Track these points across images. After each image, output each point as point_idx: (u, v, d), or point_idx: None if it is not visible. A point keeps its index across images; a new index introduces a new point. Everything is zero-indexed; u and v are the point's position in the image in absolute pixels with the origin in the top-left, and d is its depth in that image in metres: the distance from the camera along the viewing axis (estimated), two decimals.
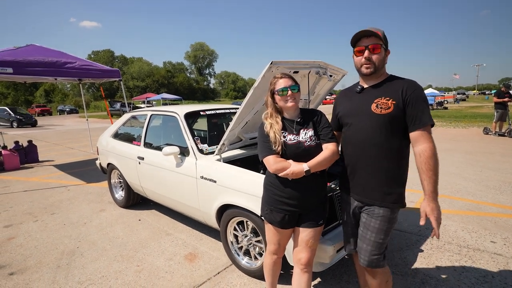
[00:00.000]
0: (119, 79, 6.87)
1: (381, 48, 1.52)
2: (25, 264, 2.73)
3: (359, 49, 1.54)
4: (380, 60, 1.53)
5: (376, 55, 1.52)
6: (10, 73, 5.04)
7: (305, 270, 1.76)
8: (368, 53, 1.52)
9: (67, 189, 5.03)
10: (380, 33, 1.51)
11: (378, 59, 1.52)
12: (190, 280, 2.43)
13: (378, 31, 1.52)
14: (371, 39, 1.51)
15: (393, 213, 1.57)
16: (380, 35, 1.51)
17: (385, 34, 1.57)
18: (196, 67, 77.04)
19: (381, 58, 1.53)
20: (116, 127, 4.17)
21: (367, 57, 1.52)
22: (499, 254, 2.66)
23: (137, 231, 3.34)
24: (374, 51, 1.51)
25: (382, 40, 1.52)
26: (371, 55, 1.52)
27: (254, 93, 2.15)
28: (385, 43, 1.55)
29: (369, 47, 1.51)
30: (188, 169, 2.76)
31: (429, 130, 1.48)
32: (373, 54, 1.52)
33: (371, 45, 1.51)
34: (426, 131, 1.47)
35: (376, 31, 1.51)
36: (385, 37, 1.55)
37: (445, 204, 3.86)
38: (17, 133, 14.44)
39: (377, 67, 1.54)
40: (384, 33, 1.55)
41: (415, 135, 1.48)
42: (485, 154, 6.84)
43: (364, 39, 1.53)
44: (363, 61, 1.54)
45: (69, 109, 36.77)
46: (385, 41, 1.55)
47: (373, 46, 1.51)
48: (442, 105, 24.30)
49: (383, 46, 1.54)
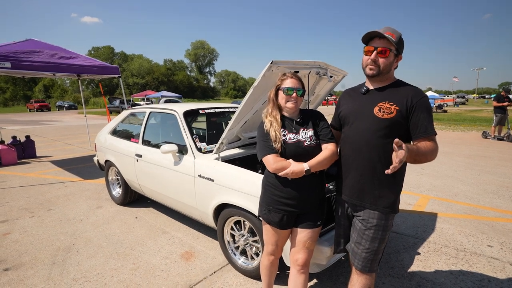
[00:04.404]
0: (118, 76, 6.84)
1: (390, 53, 1.49)
2: (20, 260, 2.71)
3: (368, 48, 1.51)
4: (386, 64, 1.50)
5: (383, 58, 1.49)
6: (8, 67, 5.01)
7: (301, 271, 1.75)
8: (375, 55, 1.49)
9: (64, 185, 5.01)
10: (395, 37, 1.47)
11: (385, 63, 1.49)
12: (186, 279, 2.41)
13: (394, 34, 1.48)
14: (382, 41, 1.48)
15: (387, 219, 1.55)
16: (394, 38, 1.47)
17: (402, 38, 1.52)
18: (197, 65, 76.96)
19: (388, 63, 1.50)
20: (115, 124, 4.15)
21: (373, 59, 1.50)
22: (496, 258, 2.66)
23: (133, 229, 3.33)
24: (382, 54, 1.48)
25: (394, 44, 1.48)
26: (378, 57, 1.49)
27: (254, 93, 2.13)
28: (398, 48, 1.51)
29: (378, 49, 1.48)
30: (186, 168, 2.75)
31: (434, 139, 1.48)
32: (381, 57, 1.49)
33: (380, 48, 1.47)
34: (431, 141, 1.46)
35: (391, 34, 1.47)
36: (400, 42, 1.50)
37: (443, 207, 3.87)
38: (15, 128, 14.37)
39: (381, 71, 1.51)
40: (400, 37, 1.50)
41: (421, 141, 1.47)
42: (483, 158, 6.86)
43: (376, 39, 1.49)
44: (368, 62, 1.52)
45: (68, 105, 36.60)
46: (399, 45, 1.50)
47: (382, 49, 1.47)
48: (441, 108, 24.37)
49: (393, 51, 1.49)
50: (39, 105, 33.89)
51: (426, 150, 1.42)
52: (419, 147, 1.41)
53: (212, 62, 78.97)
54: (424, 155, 1.41)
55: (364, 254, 1.57)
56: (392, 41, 1.46)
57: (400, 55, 1.55)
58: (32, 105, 34.09)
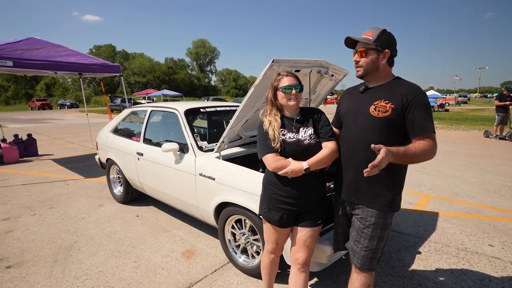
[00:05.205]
0: (119, 74, 6.85)
1: (369, 51, 1.52)
2: (22, 258, 2.73)
3: (353, 52, 1.60)
4: (368, 63, 1.53)
5: (363, 58, 1.54)
6: (10, 66, 5.01)
7: (302, 269, 1.75)
8: (357, 57, 1.57)
9: (66, 183, 5.03)
10: (373, 35, 1.50)
11: (366, 62, 1.54)
12: (187, 277, 2.42)
13: (373, 32, 1.51)
14: (360, 43, 1.55)
15: (385, 218, 1.55)
16: (372, 37, 1.50)
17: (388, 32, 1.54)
18: (198, 64, 76.86)
19: (370, 61, 1.53)
20: (116, 122, 4.16)
21: (355, 60, 1.58)
22: (497, 258, 2.66)
23: (135, 227, 3.34)
24: (361, 55, 1.55)
25: (372, 43, 1.50)
26: (359, 58, 1.56)
27: (255, 91, 2.13)
28: (379, 44, 1.50)
29: (357, 50, 1.56)
30: (187, 166, 2.75)
31: (432, 137, 1.44)
32: (362, 57, 1.55)
33: (359, 49, 1.55)
34: (429, 138, 1.43)
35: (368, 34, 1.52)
36: (380, 38, 1.50)
37: (444, 207, 3.86)
38: (17, 127, 14.42)
39: (367, 70, 1.55)
40: (382, 33, 1.51)
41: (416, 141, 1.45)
42: (485, 157, 6.83)
43: (359, 42, 1.57)
44: (354, 64, 1.60)
45: (69, 104, 36.66)
46: (380, 41, 1.50)
47: (360, 50, 1.54)
48: (443, 107, 24.29)
49: (374, 49, 1.51)
50: (40, 103, 33.94)
51: (417, 151, 1.39)
52: (408, 149, 1.39)
53: (213, 61, 78.91)
54: (415, 156, 1.39)
55: (363, 252, 1.57)
56: (368, 40, 1.51)
57: (385, 50, 1.52)
58: (34, 104, 34.15)
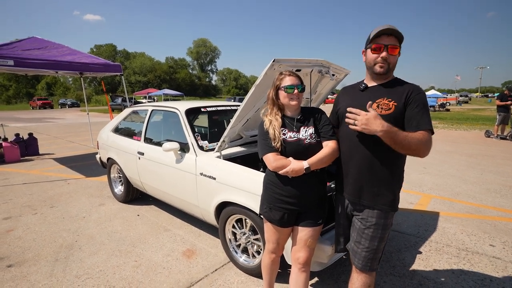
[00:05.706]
0: (120, 73, 6.85)
1: (398, 50, 1.48)
2: (23, 257, 2.74)
3: (377, 46, 1.46)
4: (395, 61, 1.50)
5: (393, 56, 1.47)
6: (11, 65, 5.02)
7: (303, 269, 1.75)
8: (386, 53, 1.46)
9: (67, 182, 5.04)
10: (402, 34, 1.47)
11: (395, 59, 1.49)
12: (188, 277, 2.43)
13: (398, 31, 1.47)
14: (391, 39, 1.45)
15: (386, 218, 1.54)
16: (401, 36, 1.47)
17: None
18: (198, 63, 76.82)
19: (396, 60, 1.51)
20: (117, 121, 4.16)
21: (384, 57, 1.46)
22: (497, 258, 2.66)
23: (135, 226, 3.34)
24: (393, 51, 1.46)
25: (400, 41, 1.48)
26: (389, 55, 1.46)
27: (256, 91, 2.13)
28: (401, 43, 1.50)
29: (389, 47, 1.45)
30: (187, 166, 2.75)
31: (428, 133, 1.42)
32: (391, 54, 1.46)
33: (391, 46, 1.44)
34: (425, 133, 1.41)
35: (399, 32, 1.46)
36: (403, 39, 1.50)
37: (445, 206, 3.85)
38: (18, 126, 14.44)
39: (390, 68, 1.51)
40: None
41: None
42: (486, 157, 6.82)
43: (384, 36, 1.45)
44: (378, 60, 1.48)
45: (70, 103, 36.71)
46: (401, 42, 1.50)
47: (393, 46, 1.45)
48: (444, 107, 24.24)
49: (399, 46, 1.49)
50: (41, 102, 33.99)
51: (409, 137, 1.36)
52: (400, 130, 1.37)
53: (214, 60, 78.86)
54: (406, 142, 1.36)
55: (364, 253, 1.57)
56: (399, 38, 1.46)
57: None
58: (35, 103, 34.18)
